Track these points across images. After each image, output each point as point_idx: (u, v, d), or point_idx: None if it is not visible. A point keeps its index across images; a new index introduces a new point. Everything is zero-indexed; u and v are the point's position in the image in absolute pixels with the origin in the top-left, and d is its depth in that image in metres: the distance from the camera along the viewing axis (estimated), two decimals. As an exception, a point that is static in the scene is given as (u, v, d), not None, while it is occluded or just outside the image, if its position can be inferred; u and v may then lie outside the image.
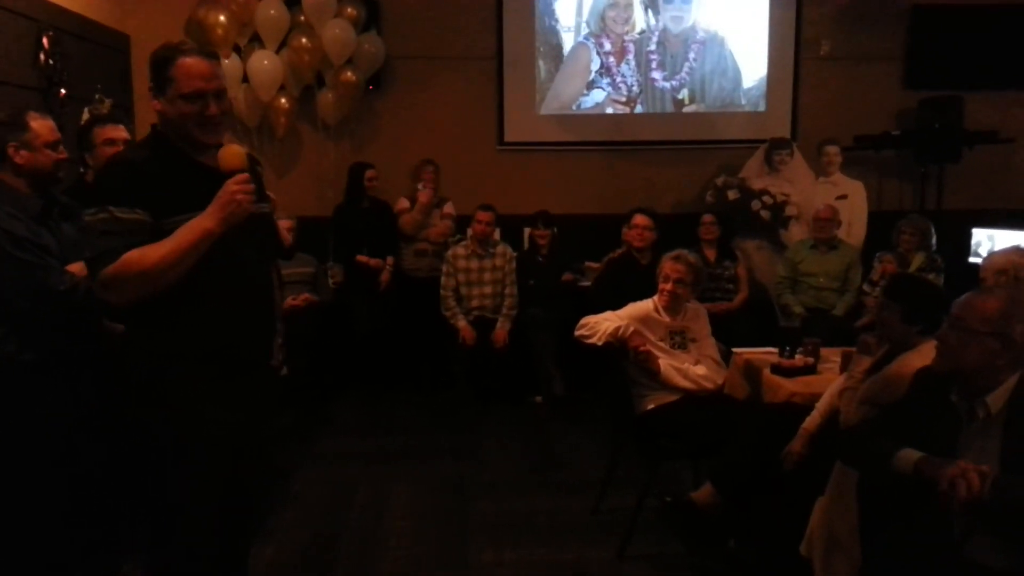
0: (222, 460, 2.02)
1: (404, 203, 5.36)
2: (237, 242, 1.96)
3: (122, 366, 2.01)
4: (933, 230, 4.86)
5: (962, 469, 1.84)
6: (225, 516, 2.09)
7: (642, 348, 3.26)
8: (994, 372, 1.98)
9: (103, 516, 2.75)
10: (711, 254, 5.09)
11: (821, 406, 2.89)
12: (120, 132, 3.04)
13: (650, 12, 5.90)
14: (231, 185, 1.90)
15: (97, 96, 4.71)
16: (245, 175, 1.94)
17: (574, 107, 5.97)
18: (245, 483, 2.14)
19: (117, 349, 2.77)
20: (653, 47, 5.93)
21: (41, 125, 2.54)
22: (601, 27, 5.89)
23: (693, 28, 5.93)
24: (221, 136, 2.03)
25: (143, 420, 1.97)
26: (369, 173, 5.35)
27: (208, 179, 1.94)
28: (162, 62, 1.94)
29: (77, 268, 2.45)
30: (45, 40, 4.27)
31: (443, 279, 5.06)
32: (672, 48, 5.94)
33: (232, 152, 1.97)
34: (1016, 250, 3.14)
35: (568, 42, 5.92)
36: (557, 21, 5.90)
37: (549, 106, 5.97)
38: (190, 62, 1.93)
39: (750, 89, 6.01)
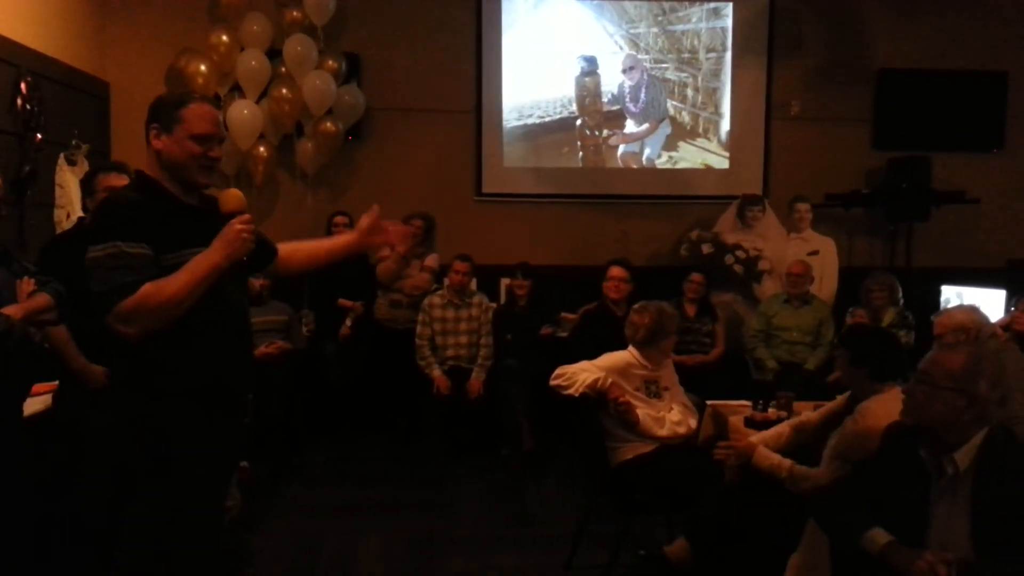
0: (205, 493, 2.12)
1: (385, 250, 5.32)
2: (223, 280, 2.06)
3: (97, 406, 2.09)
4: (899, 285, 4.95)
5: (929, 563, 1.84)
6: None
7: (622, 399, 3.25)
8: (961, 428, 1.99)
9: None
10: (691, 309, 5.12)
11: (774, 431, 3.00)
12: (123, 180, 3.05)
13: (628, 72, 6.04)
14: (237, 224, 2.04)
15: (74, 142, 4.70)
16: (248, 216, 2.08)
17: (550, 163, 6.06)
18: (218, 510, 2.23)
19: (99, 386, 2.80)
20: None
21: None
22: (574, 100, 6.02)
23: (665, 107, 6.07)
24: (214, 179, 2.16)
25: (128, 458, 2.04)
26: (336, 219, 5.35)
27: (196, 218, 2.09)
28: (173, 103, 2.08)
29: (12, 311, 2.44)
30: (23, 85, 4.27)
31: (419, 328, 5.03)
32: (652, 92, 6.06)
33: (233, 195, 2.11)
34: (973, 309, 3.21)
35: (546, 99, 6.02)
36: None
37: (527, 159, 6.05)
38: (203, 107, 2.09)
39: (724, 144, 6.15)
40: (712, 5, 6.05)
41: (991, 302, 4.48)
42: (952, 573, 1.83)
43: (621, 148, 6.13)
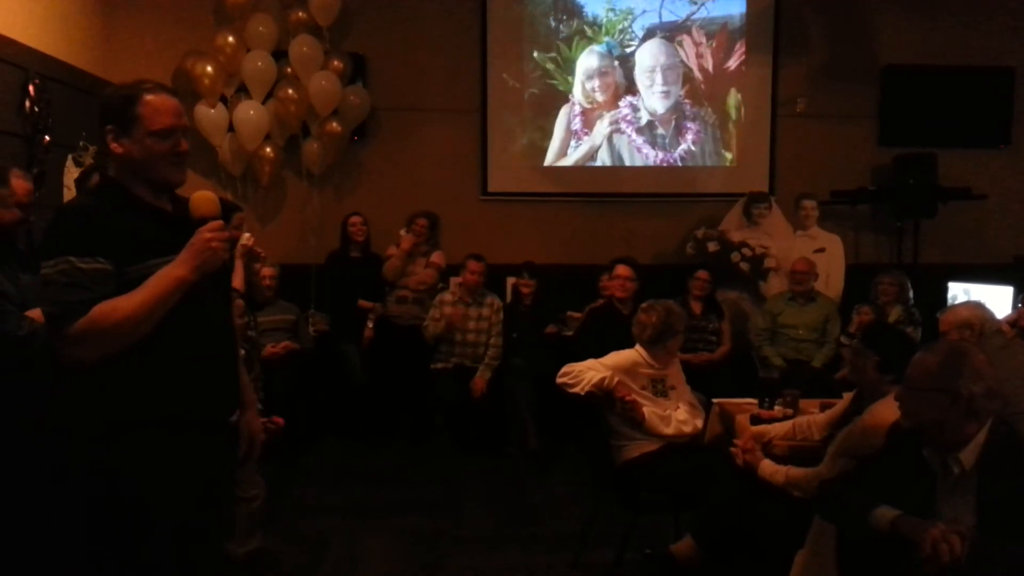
0: (177, 524, 1.88)
1: (393, 248, 5.37)
2: (200, 293, 1.83)
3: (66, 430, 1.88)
4: (909, 285, 4.93)
5: (943, 531, 1.83)
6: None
7: (628, 398, 3.25)
8: (956, 427, 1.98)
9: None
10: (697, 307, 5.12)
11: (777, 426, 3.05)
12: None
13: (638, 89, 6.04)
14: (205, 232, 1.80)
15: (81, 143, 4.72)
16: (219, 222, 1.83)
17: (560, 161, 6.06)
18: (200, 542, 1.98)
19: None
20: (643, 125, 6.06)
21: (19, 185, 2.67)
22: (586, 96, 6.03)
23: (680, 104, 6.07)
24: (186, 174, 1.94)
25: (94, 487, 1.83)
26: (351, 219, 5.38)
27: (166, 223, 1.87)
28: (124, 101, 1.83)
29: (37, 314, 2.44)
30: (31, 87, 4.30)
31: (427, 321, 5.03)
32: (663, 125, 6.08)
33: (204, 198, 1.86)
34: (978, 305, 3.20)
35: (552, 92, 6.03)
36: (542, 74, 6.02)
37: (533, 158, 6.05)
38: (158, 99, 1.84)
39: (733, 135, 6.16)
40: (721, -1, 6.04)
41: (998, 298, 4.46)
42: (966, 546, 1.81)
43: (636, 138, 6.12)
